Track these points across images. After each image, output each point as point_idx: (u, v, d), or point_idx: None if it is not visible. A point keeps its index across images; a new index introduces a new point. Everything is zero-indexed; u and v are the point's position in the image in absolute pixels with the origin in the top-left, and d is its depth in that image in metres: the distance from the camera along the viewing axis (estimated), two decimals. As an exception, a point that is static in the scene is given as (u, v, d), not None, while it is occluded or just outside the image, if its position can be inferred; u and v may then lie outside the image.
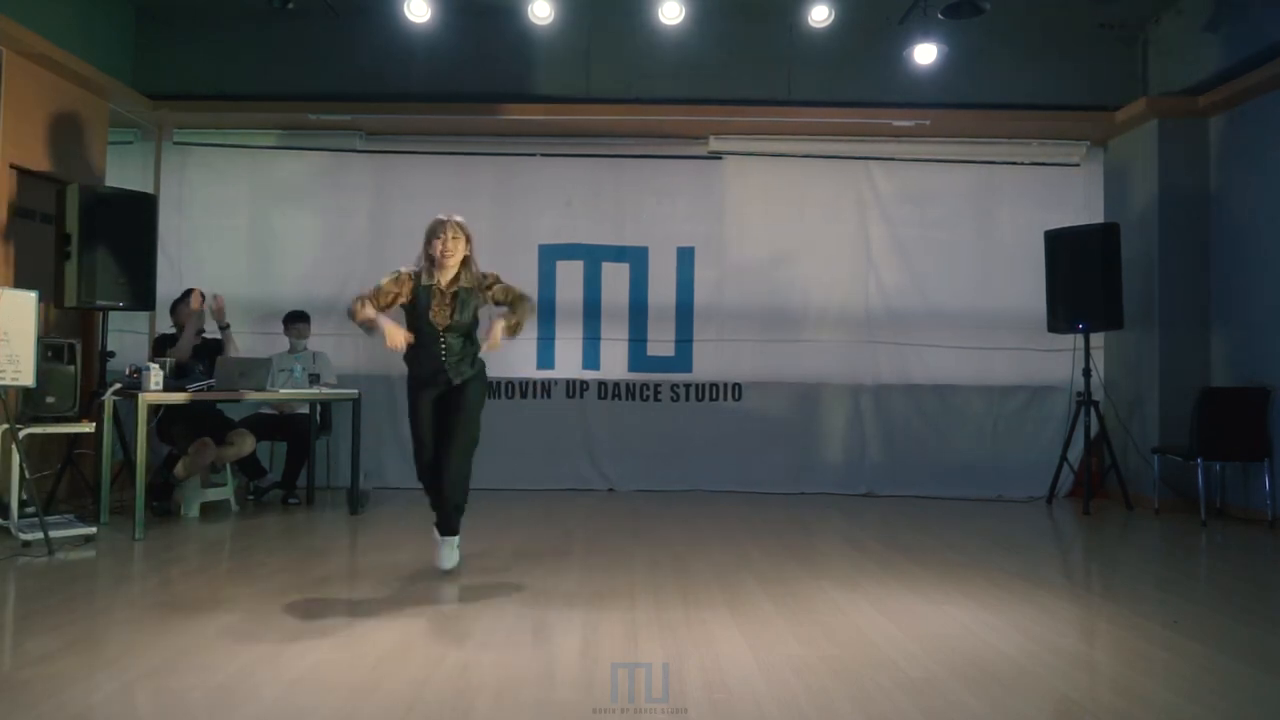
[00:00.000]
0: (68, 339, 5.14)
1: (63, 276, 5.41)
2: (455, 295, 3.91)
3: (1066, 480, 6.75)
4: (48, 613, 3.34)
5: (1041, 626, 3.33)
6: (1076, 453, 6.60)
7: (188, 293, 5.79)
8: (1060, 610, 3.60)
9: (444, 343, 3.92)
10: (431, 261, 3.89)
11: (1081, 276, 6.32)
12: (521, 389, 7.14)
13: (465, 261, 3.93)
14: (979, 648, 3.08)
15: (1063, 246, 6.48)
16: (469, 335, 4.01)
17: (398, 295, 3.90)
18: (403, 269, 3.95)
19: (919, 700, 2.54)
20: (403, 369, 6.94)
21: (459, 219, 3.93)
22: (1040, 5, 6.53)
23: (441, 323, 3.90)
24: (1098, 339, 6.77)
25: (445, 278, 3.91)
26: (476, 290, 3.97)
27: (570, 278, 7.17)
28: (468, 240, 3.93)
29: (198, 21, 6.76)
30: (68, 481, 5.61)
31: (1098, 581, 4.43)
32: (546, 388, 7.15)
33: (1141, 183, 6.70)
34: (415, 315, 3.93)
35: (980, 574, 4.19)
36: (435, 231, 3.88)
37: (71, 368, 5.00)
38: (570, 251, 7.18)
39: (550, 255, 7.16)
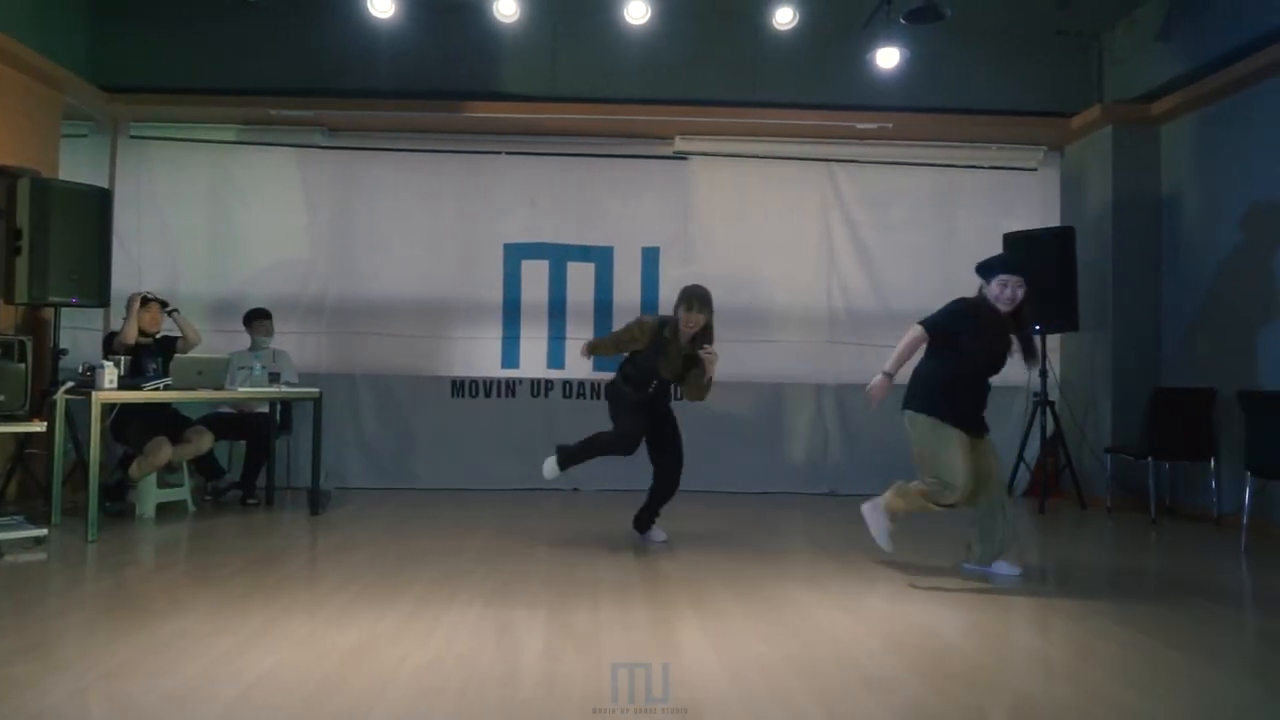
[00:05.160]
0: (18, 336, 5.02)
1: (13, 272, 5.29)
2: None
3: (1023, 479, 6.88)
4: (-3, 616, 3.27)
5: (999, 623, 3.40)
6: (1033, 452, 6.73)
7: (143, 297, 5.71)
8: (1017, 607, 3.67)
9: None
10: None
11: (1038, 279, 6.41)
12: (486, 388, 7.11)
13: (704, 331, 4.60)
14: (939, 645, 3.13)
15: (1020, 249, 6.59)
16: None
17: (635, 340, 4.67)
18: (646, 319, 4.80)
19: (880, 698, 2.58)
20: (363, 368, 6.97)
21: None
22: (999, 12, 6.64)
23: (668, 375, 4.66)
24: (1054, 340, 6.91)
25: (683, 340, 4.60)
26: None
27: (535, 277, 7.15)
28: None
29: (155, 12, 6.64)
30: (18, 482, 5.48)
31: (1053, 579, 4.52)
32: (511, 387, 7.13)
33: (1096, 187, 6.86)
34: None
35: (939, 572, 4.25)
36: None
37: (22, 365, 4.86)
38: (535, 251, 7.16)
39: (515, 254, 7.14)
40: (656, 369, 4.61)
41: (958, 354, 4.13)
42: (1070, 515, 6.25)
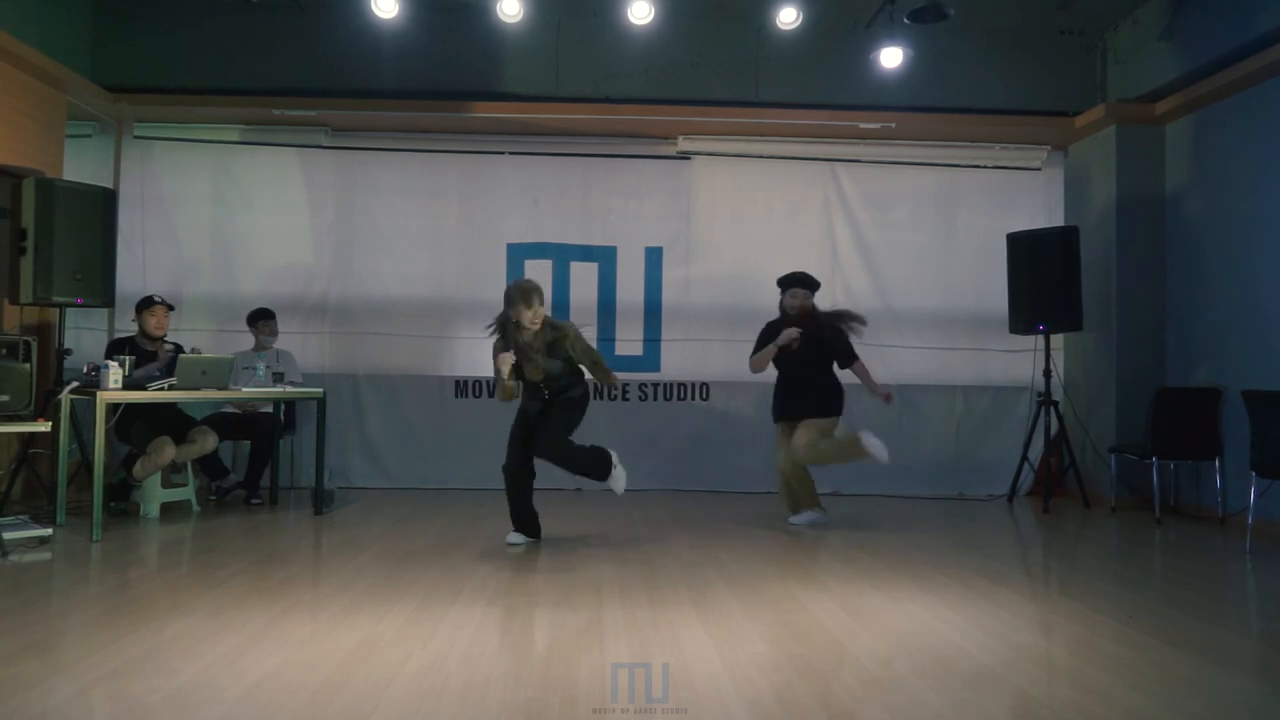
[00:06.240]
0: (23, 336, 5.03)
1: (18, 272, 5.30)
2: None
3: (1027, 479, 6.87)
4: (1, 616, 3.28)
5: (1002, 623, 3.40)
6: (1037, 452, 6.72)
7: (150, 299, 5.70)
8: (1020, 607, 3.67)
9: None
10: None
11: (1042, 278, 6.44)
12: (489, 388, 7.11)
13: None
14: (941, 644, 3.13)
15: (1024, 249, 6.59)
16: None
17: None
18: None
19: (882, 697, 2.58)
20: (367, 368, 6.99)
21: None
22: (1003, 11, 6.63)
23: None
24: (1057, 340, 6.90)
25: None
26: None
27: (538, 277, 7.02)
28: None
29: (159, 12, 6.65)
30: (22, 482, 5.50)
31: (1056, 579, 4.52)
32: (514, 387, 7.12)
33: (1100, 187, 6.84)
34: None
35: (942, 571, 4.25)
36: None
37: (27, 365, 4.89)
38: (539, 251, 7.17)
39: (518, 254, 7.15)
40: (523, 370, 4.68)
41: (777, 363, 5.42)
42: (1074, 515, 6.24)
